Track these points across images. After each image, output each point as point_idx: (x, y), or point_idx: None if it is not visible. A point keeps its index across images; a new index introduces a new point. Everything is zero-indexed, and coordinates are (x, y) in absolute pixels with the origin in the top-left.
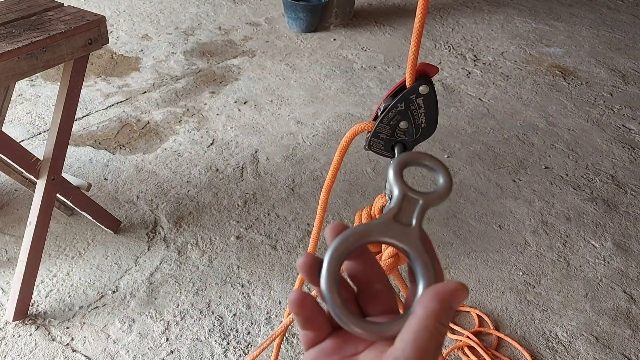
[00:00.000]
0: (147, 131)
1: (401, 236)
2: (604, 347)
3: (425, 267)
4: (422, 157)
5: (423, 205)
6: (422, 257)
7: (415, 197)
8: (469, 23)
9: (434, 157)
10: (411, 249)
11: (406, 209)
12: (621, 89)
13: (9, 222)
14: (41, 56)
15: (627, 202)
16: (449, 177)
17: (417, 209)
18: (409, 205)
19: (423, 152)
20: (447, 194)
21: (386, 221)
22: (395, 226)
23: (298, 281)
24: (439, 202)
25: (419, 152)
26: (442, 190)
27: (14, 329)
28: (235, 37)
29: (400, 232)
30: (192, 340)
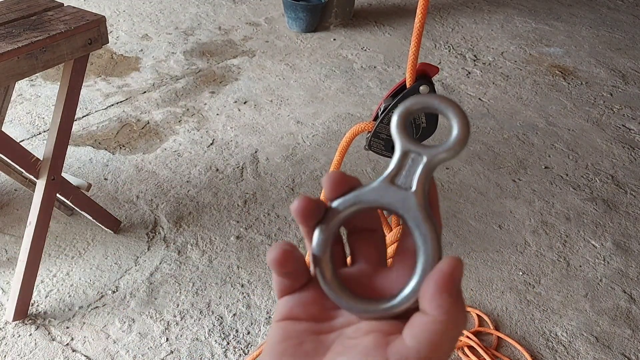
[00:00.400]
0: (147, 131)
1: (398, 201)
2: (604, 347)
3: (424, 240)
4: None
5: (427, 163)
6: (421, 227)
7: (418, 152)
8: (469, 23)
9: (447, 99)
10: (409, 216)
11: (407, 169)
12: (621, 89)
13: (9, 222)
14: (41, 56)
15: (627, 202)
16: (464, 124)
17: (421, 168)
18: (410, 164)
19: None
20: (462, 145)
21: (383, 184)
22: (392, 190)
23: None
24: (449, 157)
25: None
26: (454, 140)
27: (14, 329)
28: (235, 37)
29: (397, 197)
30: (192, 340)
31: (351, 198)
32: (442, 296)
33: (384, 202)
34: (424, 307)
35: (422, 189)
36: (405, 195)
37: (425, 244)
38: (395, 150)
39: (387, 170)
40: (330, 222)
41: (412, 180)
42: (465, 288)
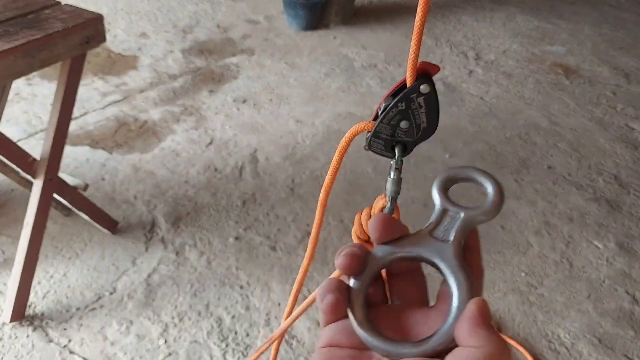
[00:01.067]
0: (144, 130)
1: (435, 251)
2: (607, 349)
3: (458, 287)
4: (470, 171)
5: (464, 220)
6: (456, 275)
7: (456, 211)
8: (471, 21)
9: (480, 170)
10: (444, 265)
11: (445, 224)
12: (624, 88)
13: (6, 222)
14: (38, 55)
15: (630, 203)
16: (498, 190)
17: (458, 224)
18: (449, 220)
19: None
20: (496, 210)
21: (422, 235)
22: (430, 241)
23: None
24: (485, 219)
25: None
26: (489, 205)
27: (11, 331)
28: (234, 35)
29: (434, 248)
30: (191, 342)
31: (392, 248)
32: (477, 329)
33: (422, 252)
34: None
35: (458, 241)
36: (442, 246)
37: (460, 290)
38: (435, 207)
39: (427, 224)
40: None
41: (449, 234)
42: None
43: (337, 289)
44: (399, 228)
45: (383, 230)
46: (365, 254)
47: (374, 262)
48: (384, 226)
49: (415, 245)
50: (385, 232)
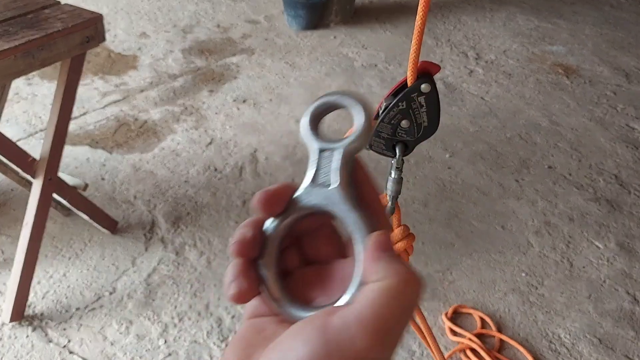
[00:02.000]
0: (144, 130)
1: (324, 201)
2: (607, 349)
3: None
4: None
5: (343, 156)
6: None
7: (331, 148)
8: (471, 21)
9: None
10: (337, 211)
11: (325, 166)
12: (625, 87)
13: (5, 222)
14: (38, 54)
15: (631, 202)
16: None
17: (336, 162)
18: (326, 161)
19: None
20: (367, 133)
21: (307, 189)
22: (315, 191)
23: None
24: (360, 146)
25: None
26: (361, 129)
27: (10, 331)
28: (234, 35)
29: (322, 197)
30: (191, 343)
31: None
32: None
33: (311, 208)
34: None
35: (345, 182)
36: (327, 193)
37: (359, 234)
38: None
39: (307, 174)
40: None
41: (331, 177)
42: (467, 289)
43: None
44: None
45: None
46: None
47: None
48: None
49: (304, 201)
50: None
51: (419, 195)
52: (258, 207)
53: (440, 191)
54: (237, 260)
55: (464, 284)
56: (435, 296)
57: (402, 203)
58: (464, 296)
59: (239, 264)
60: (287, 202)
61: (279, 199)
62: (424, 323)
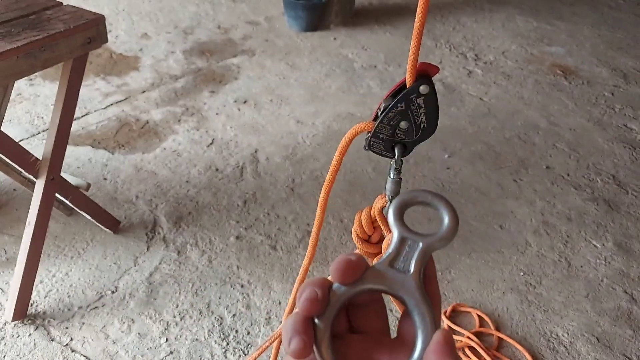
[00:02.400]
0: (146, 131)
1: (397, 284)
2: (605, 348)
3: (422, 319)
4: (424, 195)
5: (423, 249)
6: (420, 308)
7: (414, 240)
8: (470, 22)
9: (438, 195)
10: (408, 298)
11: (405, 254)
12: (622, 88)
13: (8, 222)
14: (40, 55)
15: (629, 202)
16: (454, 216)
17: (417, 253)
18: (408, 250)
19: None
20: (452, 235)
21: (382, 268)
22: (391, 273)
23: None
24: (442, 245)
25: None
26: (446, 231)
27: (13, 329)
28: (235, 36)
29: (396, 280)
30: (192, 341)
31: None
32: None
33: (385, 285)
34: None
35: (418, 272)
36: (404, 278)
37: (424, 322)
38: (393, 237)
39: (386, 254)
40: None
41: (409, 264)
42: (466, 288)
43: (303, 331)
44: (360, 267)
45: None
46: (326, 292)
47: (337, 297)
48: (345, 271)
49: (377, 278)
50: (347, 277)
51: None
52: (337, 274)
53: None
54: (301, 316)
55: (463, 283)
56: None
57: None
58: (463, 295)
59: (303, 320)
60: (361, 274)
61: (357, 271)
62: None
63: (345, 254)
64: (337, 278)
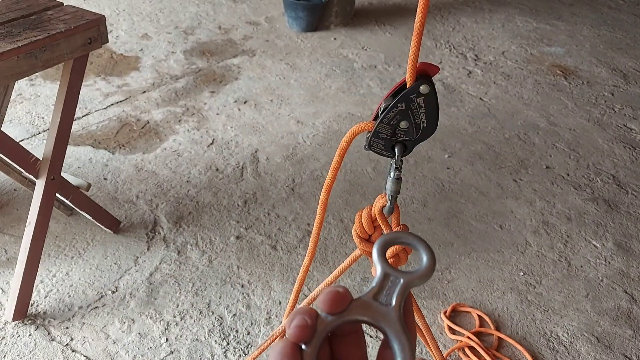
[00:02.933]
0: (146, 131)
1: (380, 316)
2: (605, 348)
3: (402, 349)
4: (405, 237)
5: (404, 285)
6: (399, 339)
7: (396, 276)
8: (470, 22)
9: (417, 236)
10: (389, 329)
11: (387, 288)
12: (622, 88)
13: (9, 221)
14: (41, 55)
15: (629, 202)
16: (431, 256)
17: (398, 288)
18: (390, 285)
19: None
20: (430, 273)
21: (366, 300)
22: (375, 305)
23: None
24: (421, 282)
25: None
26: (424, 270)
27: (13, 329)
28: (235, 37)
29: (379, 312)
30: (192, 341)
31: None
32: None
33: (369, 316)
34: None
35: (399, 306)
36: (386, 310)
37: (403, 352)
38: (377, 273)
39: (369, 288)
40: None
41: (391, 298)
42: (466, 288)
43: (292, 356)
44: (347, 299)
45: (331, 305)
46: (314, 320)
47: (324, 326)
48: (333, 302)
49: (362, 309)
50: (334, 307)
51: (418, 195)
52: (326, 304)
53: (439, 191)
54: (290, 341)
55: (463, 282)
56: (434, 295)
57: (401, 203)
58: (463, 295)
59: (291, 346)
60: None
61: (344, 302)
62: (423, 321)
63: (333, 286)
64: (325, 308)
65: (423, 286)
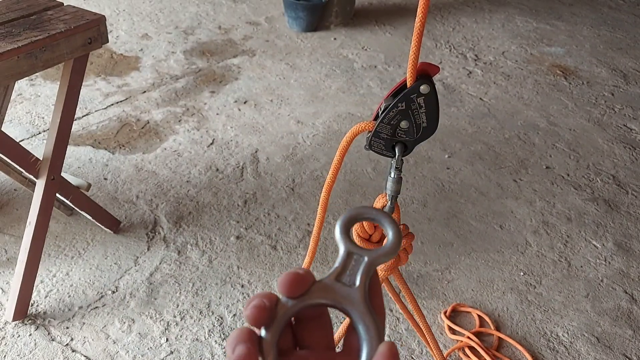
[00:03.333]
0: (146, 131)
1: (342, 298)
2: (605, 348)
3: (367, 331)
4: (369, 212)
5: (368, 263)
6: (364, 319)
7: (360, 254)
8: (470, 22)
9: (381, 211)
10: (353, 311)
11: (351, 268)
12: (622, 88)
13: (9, 221)
14: (41, 55)
15: (628, 202)
16: (397, 232)
17: (362, 267)
18: (353, 264)
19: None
20: (395, 250)
21: (329, 282)
22: (337, 287)
23: None
24: (386, 259)
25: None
26: (389, 246)
27: (13, 329)
28: (235, 37)
29: (342, 294)
30: (192, 341)
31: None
32: None
33: (331, 299)
34: None
35: (363, 285)
36: (349, 291)
37: (369, 334)
38: (340, 251)
39: (332, 269)
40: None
41: (355, 278)
42: (466, 288)
43: (248, 340)
44: (307, 281)
45: (290, 287)
46: (274, 304)
47: (284, 310)
48: (292, 284)
49: (324, 292)
50: (293, 290)
51: (418, 195)
52: (284, 287)
53: (439, 191)
54: (246, 326)
55: (463, 283)
56: (434, 295)
57: (401, 203)
58: (463, 295)
59: (248, 330)
60: (308, 288)
61: (303, 284)
62: (423, 321)
63: (293, 268)
64: (284, 291)
65: (423, 286)
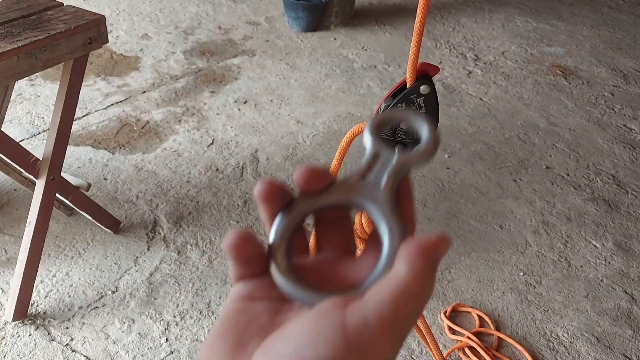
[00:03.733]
0: (146, 131)
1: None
2: (605, 348)
3: (390, 232)
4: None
5: (397, 165)
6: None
7: (388, 154)
8: (470, 22)
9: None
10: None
11: (377, 169)
12: (622, 88)
13: (9, 221)
14: (41, 55)
15: (628, 202)
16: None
17: (390, 168)
18: (380, 165)
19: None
20: (432, 151)
21: (351, 181)
22: (359, 186)
23: None
24: (421, 163)
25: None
26: (425, 147)
27: (13, 329)
28: (235, 37)
29: (364, 192)
30: (192, 341)
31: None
32: (419, 257)
33: (351, 197)
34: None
35: (390, 186)
36: (373, 191)
37: (392, 236)
38: (366, 151)
39: (356, 168)
40: (293, 212)
41: (381, 179)
42: (466, 288)
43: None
44: (326, 176)
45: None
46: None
47: (299, 210)
48: (309, 177)
49: (344, 191)
50: (311, 183)
51: (418, 195)
52: (302, 181)
53: (439, 191)
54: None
55: (463, 283)
56: (434, 295)
57: None
58: (463, 295)
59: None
60: (327, 185)
61: (322, 179)
62: (423, 321)
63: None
64: (301, 184)
65: None
